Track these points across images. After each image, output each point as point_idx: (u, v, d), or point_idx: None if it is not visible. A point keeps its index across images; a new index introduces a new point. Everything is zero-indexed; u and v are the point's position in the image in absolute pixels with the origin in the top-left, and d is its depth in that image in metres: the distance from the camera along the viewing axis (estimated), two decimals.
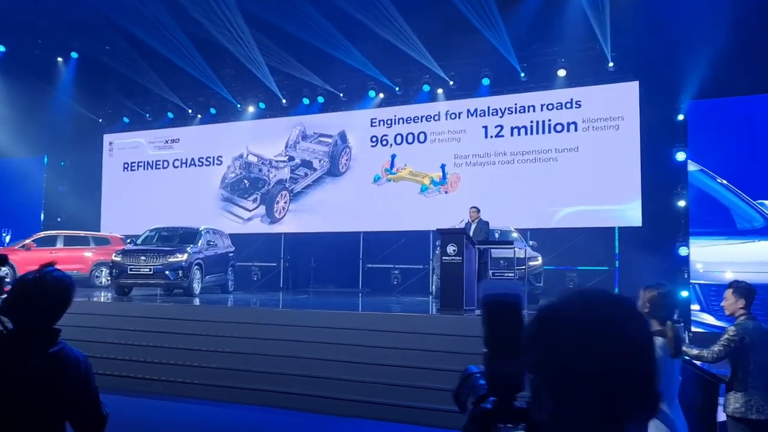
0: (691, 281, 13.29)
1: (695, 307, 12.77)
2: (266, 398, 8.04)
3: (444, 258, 8.65)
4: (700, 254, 13.47)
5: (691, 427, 4.36)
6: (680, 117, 14.11)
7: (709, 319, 12.97)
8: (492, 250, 10.04)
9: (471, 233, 9.17)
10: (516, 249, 8.75)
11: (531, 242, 12.49)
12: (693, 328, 12.69)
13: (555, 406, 0.90)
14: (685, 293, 13.60)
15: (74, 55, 18.70)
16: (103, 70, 18.39)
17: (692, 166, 13.68)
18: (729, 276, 12.95)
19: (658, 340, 3.28)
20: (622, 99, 14.92)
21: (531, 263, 11.04)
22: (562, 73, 15.31)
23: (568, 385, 0.89)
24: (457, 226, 9.18)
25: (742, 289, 4.55)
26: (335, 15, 15.12)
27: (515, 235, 12.55)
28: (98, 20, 16.37)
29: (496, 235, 10.83)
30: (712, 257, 13.29)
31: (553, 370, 0.91)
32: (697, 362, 4.65)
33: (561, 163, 15.38)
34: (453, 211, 13.00)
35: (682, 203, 14.01)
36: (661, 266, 14.05)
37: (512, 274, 9.30)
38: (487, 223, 9.57)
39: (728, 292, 4.58)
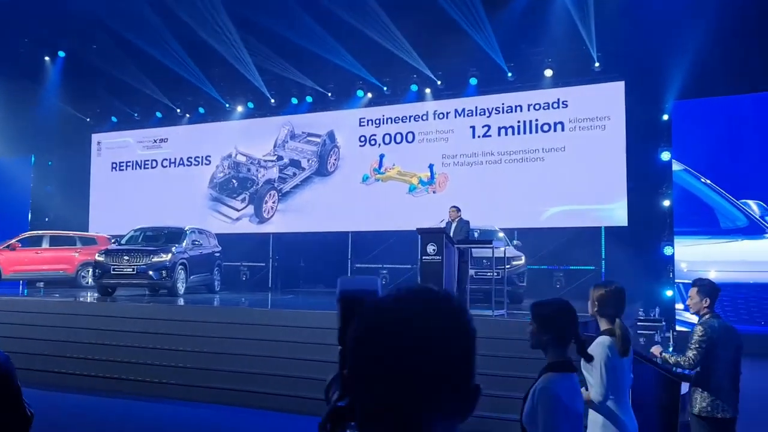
0: (676, 280, 13.35)
1: (679, 306, 12.82)
2: (246, 399, 8.02)
3: (424, 257, 8.66)
4: (685, 253, 13.54)
5: (653, 427, 4.39)
6: (665, 117, 14.18)
7: (693, 318, 13.02)
8: (474, 249, 10.05)
9: (451, 233, 9.18)
10: (495, 248, 8.73)
11: (515, 242, 12.52)
12: (677, 327, 12.75)
13: (360, 404, 0.90)
14: (669, 292, 13.67)
15: (61, 54, 18.64)
16: (90, 70, 18.32)
17: (676, 166, 13.74)
18: (712, 275, 13.01)
19: (606, 339, 3.29)
20: (608, 99, 14.96)
21: (514, 263, 11.06)
22: (548, 73, 15.35)
23: (368, 381, 0.89)
24: (437, 226, 9.18)
25: (706, 287, 4.57)
26: (323, 15, 15.14)
27: (501, 235, 12.57)
28: (85, 19, 16.33)
29: (476, 235, 10.83)
30: (697, 256, 13.35)
31: (356, 365, 0.91)
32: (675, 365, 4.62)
33: (548, 163, 15.42)
34: (441, 210, 12.95)
35: (666, 203, 14.07)
36: (647, 265, 14.13)
37: (495, 274, 9.29)
38: (467, 223, 9.58)
39: (693, 291, 4.59)
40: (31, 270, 15.36)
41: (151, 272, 11.91)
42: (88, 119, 20.73)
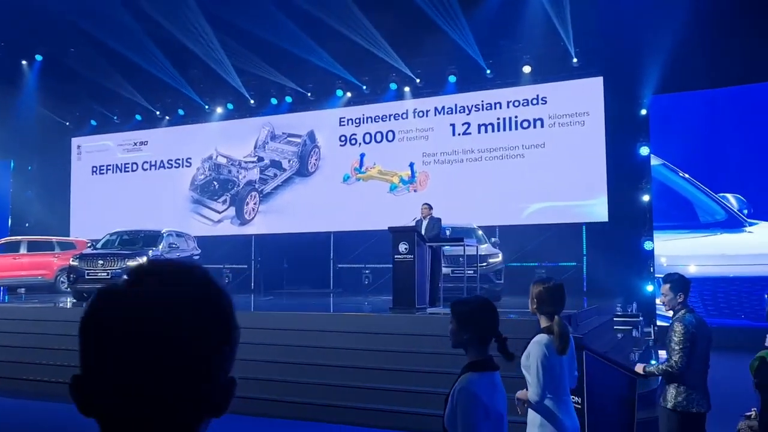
0: (656, 275, 13.32)
1: (659, 300, 12.78)
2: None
3: (396, 256, 8.58)
4: (664, 248, 13.53)
5: (611, 424, 4.33)
6: (643, 112, 14.16)
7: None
8: (448, 247, 9.98)
9: (423, 230, 9.10)
10: (467, 246, 8.66)
11: (493, 239, 12.46)
12: (658, 322, 12.74)
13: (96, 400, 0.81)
14: (650, 287, 13.65)
15: (39, 57, 18.46)
16: (69, 73, 18.16)
17: (655, 161, 13.73)
18: (693, 270, 13.03)
19: (543, 338, 3.22)
20: (587, 95, 14.94)
21: (491, 260, 10.99)
22: (527, 69, 15.30)
23: (100, 373, 0.79)
24: (409, 224, 9.11)
25: (679, 282, 4.43)
26: (299, 15, 15.05)
27: (479, 233, 12.51)
28: (62, 22, 16.19)
29: (447, 233, 10.76)
30: (676, 251, 13.34)
31: (84, 356, 0.81)
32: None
33: (528, 160, 15.38)
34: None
35: (646, 198, 14.07)
36: (627, 261, 14.12)
37: (466, 272, 9.22)
38: (438, 220, 9.50)
39: (665, 288, 4.45)
40: (8, 276, 15.21)
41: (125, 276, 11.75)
42: (67, 123, 20.57)
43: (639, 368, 4.46)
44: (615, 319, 10.85)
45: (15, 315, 10.70)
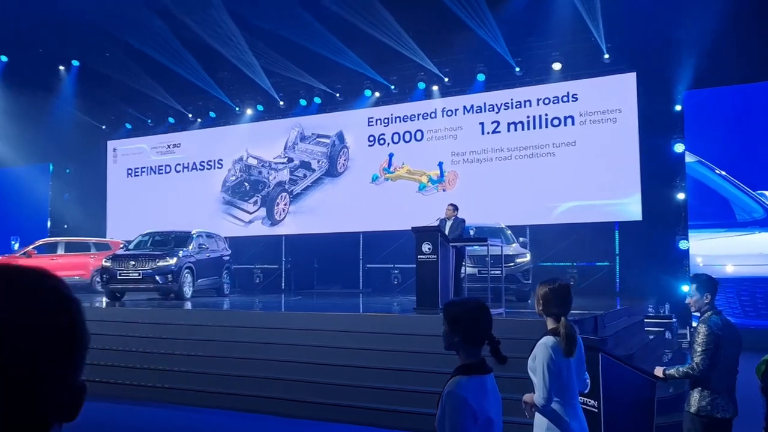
0: (692, 275, 12.96)
1: (687, 301, 12.43)
2: (256, 404, 7.95)
3: (419, 257, 8.52)
4: (700, 247, 13.17)
5: (629, 428, 4.20)
6: (677, 107, 13.82)
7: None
8: (476, 247, 9.87)
9: (446, 231, 9.02)
10: (490, 246, 8.55)
11: (521, 239, 12.29)
12: (694, 323, 12.38)
13: None
14: (685, 288, 13.28)
15: (75, 63, 18.90)
16: (104, 78, 18.59)
17: (690, 158, 13.38)
18: (730, 270, 12.66)
19: (549, 340, 3.13)
20: (620, 91, 14.63)
21: (518, 260, 10.84)
22: (557, 66, 15.08)
23: None
24: (432, 224, 9.04)
25: (706, 283, 4.31)
26: (326, 17, 15.11)
27: (508, 232, 12.37)
28: (97, 29, 16.56)
29: (471, 233, 10.65)
30: (712, 250, 12.98)
31: None
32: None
33: (558, 158, 15.14)
34: None
35: (681, 196, 13.72)
36: (662, 261, 13.79)
37: (498, 272, 9.12)
38: (462, 221, 9.41)
39: (692, 288, 4.34)
40: None
41: (157, 276, 11.95)
42: (103, 127, 21.03)
43: (658, 371, 4.32)
44: (646, 320, 10.59)
45: None
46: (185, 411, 8.09)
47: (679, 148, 13.66)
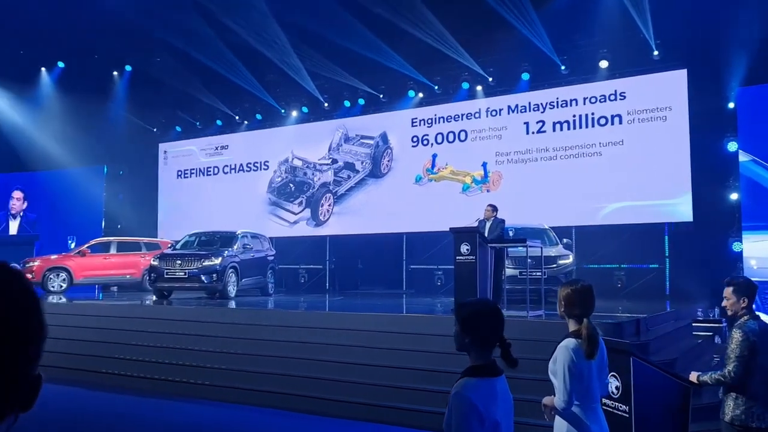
0: (729, 278, 12.47)
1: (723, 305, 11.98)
2: (288, 402, 8.06)
3: (457, 257, 8.47)
4: (754, 249, 12.68)
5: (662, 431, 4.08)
6: (730, 105, 13.35)
7: (766, 319, 12.19)
8: (513, 248, 9.75)
9: (485, 232, 8.93)
10: (530, 247, 8.43)
11: (565, 240, 12.08)
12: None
13: None
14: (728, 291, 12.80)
15: (128, 68, 19.49)
16: (155, 82, 19.12)
17: (743, 157, 12.91)
18: None
19: (571, 342, 3.06)
20: (669, 88, 14.22)
21: (560, 261, 10.67)
22: (604, 64, 14.77)
23: None
24: (471, 225, 8.97)
25: (742, 286, 4.17)
26: (370, 18, 15.16)
27: (551, 234, 12.19)
28: (148, 35, 17.06)
29: (510, 234, 10.51)
30: (767, 253, 12.46)
31: None
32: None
33: (606, 158, 14.82)
34: None
35: (734, 196, 13.26)
36: (714, 263, 13.31)
37: (540, 273, 9.00)
38: (502, 221, 9.30)
39: (728, 291, 4.18)
40: (100, 275, 16.09)
41: (202, 276, 12.22)
42: (154, 129, 21.64)
43: (693, 377, 4.18)
44: (694, 324, 10.25)
45: (96, 312, 11.32)
46: (230, 408, 8.25)
47: (732, 146, 13.19)
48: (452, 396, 2.32)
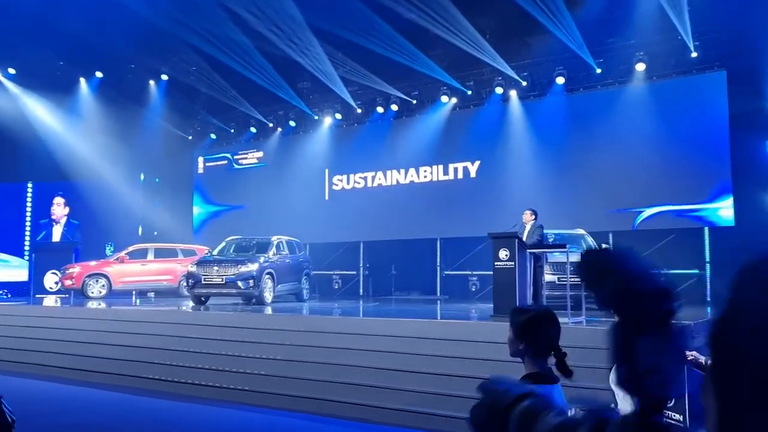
0: None
1: None
2: (322, 407, 8.08)
3: (496, 263, 8.42)
4: None
5: None
6: None
7: None
8: (558, 253, 9.65)
9: (524, 237, 8.86)
10: (569, 252, 8.33)
11: (603, 245, 11.89)
12: None
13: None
14: None
15: (164, 77, 19.81)
16: (190, 91, 19.41)
17: None
18: None
19: None
20: (708, 90, 13.97)
21: None
22: (640, 67, 14.53)
23: None
24: (511, 230, 8.90)
25: None
26: (402, 23, 15.15)
27: (589, 239, 12.04)
28: (184, 44, 17.31)
29: (550, 239, 10.39)
30: None
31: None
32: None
33: (643, 161, 14.58)
34: None
35: None
36: None
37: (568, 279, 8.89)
38: (540, 227, 9.21)
39: None
40: (138, 282, 16.36)
41: (239, 282, 12.34)
42: (189, 137, 21.95)
43: None
44: None
45: (132, 317, 11.49)
46: (269, 414, 8.30)
47: None
48: None
